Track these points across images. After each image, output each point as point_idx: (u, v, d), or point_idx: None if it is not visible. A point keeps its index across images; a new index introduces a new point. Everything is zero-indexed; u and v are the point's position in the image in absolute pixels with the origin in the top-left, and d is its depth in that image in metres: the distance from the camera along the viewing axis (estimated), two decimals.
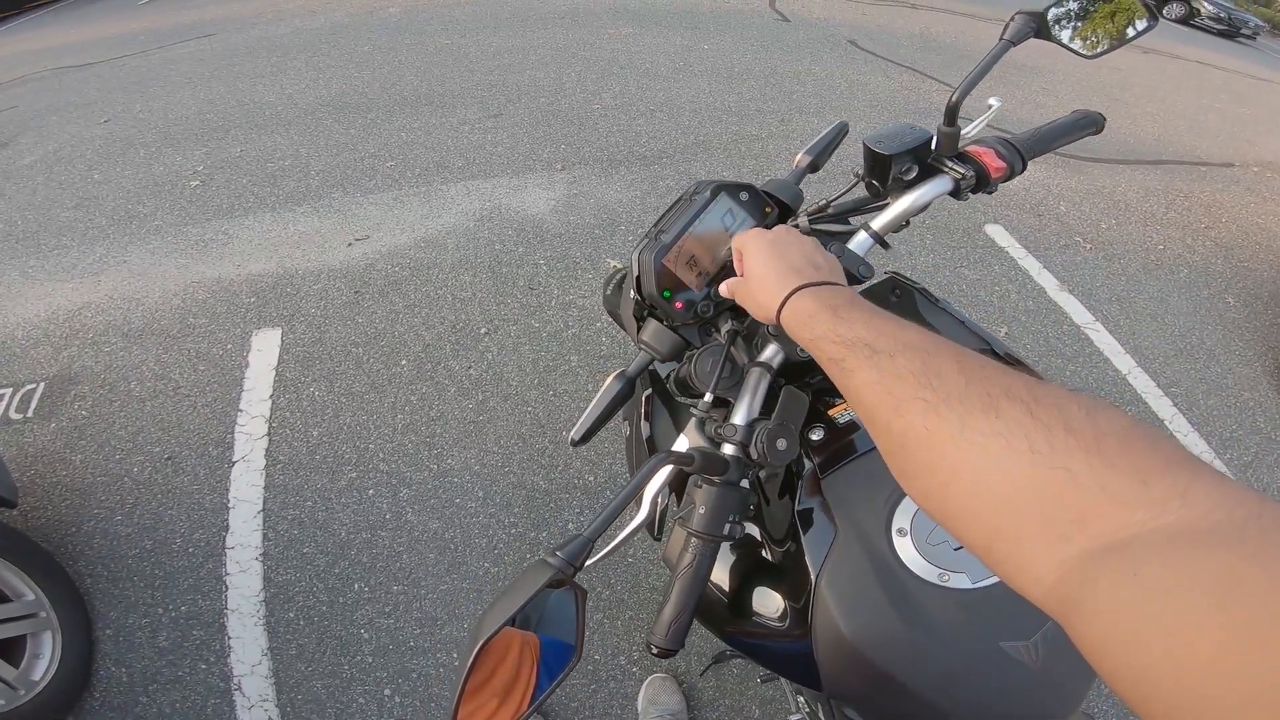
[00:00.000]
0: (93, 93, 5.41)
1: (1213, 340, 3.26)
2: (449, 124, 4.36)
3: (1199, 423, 2.81)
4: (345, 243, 3.31)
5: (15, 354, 2.72)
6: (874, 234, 0.87)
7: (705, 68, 5.53)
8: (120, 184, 3.92)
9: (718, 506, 0.70)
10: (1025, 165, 0.90)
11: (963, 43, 7.53)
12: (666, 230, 0.85)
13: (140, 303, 2.98)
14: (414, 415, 2.51)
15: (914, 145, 0.85)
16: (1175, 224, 4.18)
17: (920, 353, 0.48)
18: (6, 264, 3.26)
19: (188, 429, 2.43)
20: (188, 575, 2.01)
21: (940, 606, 0.67)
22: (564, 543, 0.61)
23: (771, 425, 0.72)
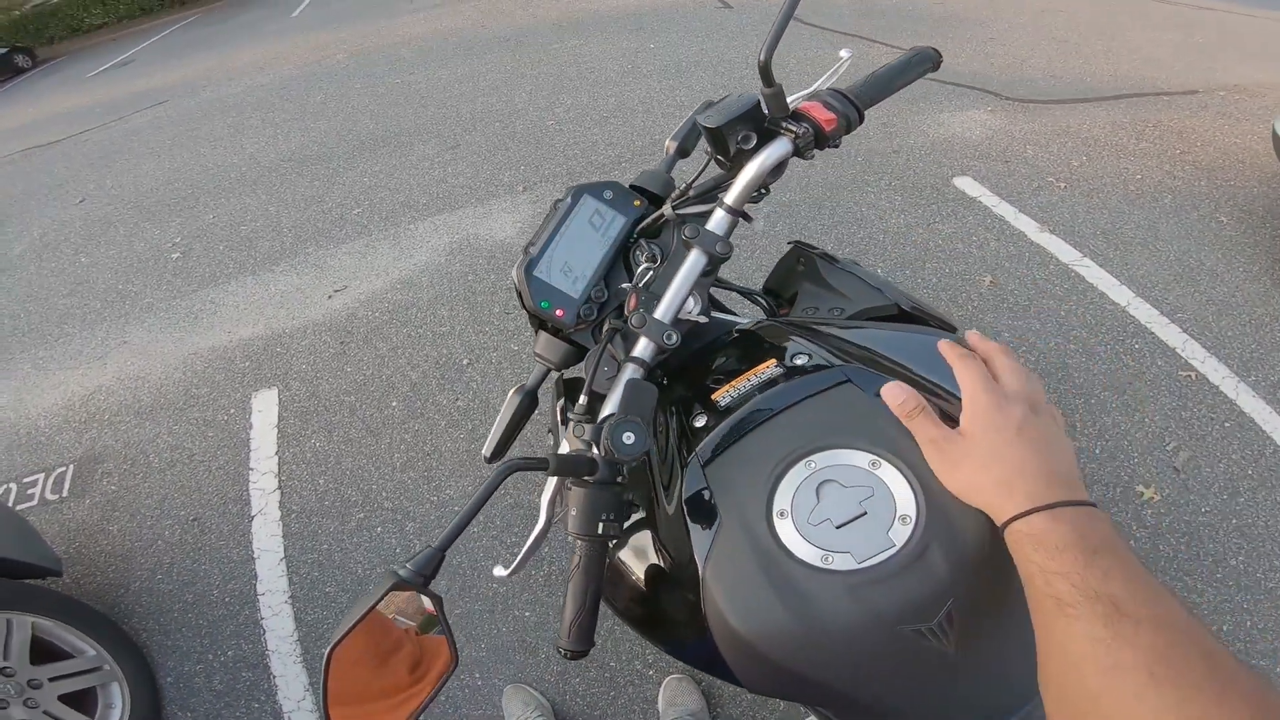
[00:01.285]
0: (62, 172, 5.67)
1: (1212, 260, 3.20)
2: (409, 162, 4.61)
3: (1214, 346, 2.74)
4: (325, 295, 3.57)
5: (41, 441, 2.99)
6: (729, 208, 0.85)
7: (654, 67, 5.76)
8: (107, 264, 4.18)
9: (588, 508, 0.70)
10: (862, 114, 0.88)
11: (903, 4, 7.69)
12: (535, 243, 0.87)
13: (146, 380, 3.25)
14: (410, 453, 2.76)
15: (742, 112, 0.82)
16: (1149, 154, 4.18)
17: (1168, 630, 0.45)
18: (19, 357, 3.53)
19: (206, 491, 2.70)
20: (229, 622, 2.27)
21: (826, 591, 0.62)
22: (415, 554, 0.63)
23: (615, 418, 0.70)
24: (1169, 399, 2.55)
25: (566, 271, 0.87)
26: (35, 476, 2.83)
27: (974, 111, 4.79)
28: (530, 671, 2.10)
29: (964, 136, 4.42)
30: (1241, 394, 2.55)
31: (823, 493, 0.66)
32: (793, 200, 3.81)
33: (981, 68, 5.61)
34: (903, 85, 0.96)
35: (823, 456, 0.68)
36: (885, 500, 0.64)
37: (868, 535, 0.63)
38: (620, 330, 0.83)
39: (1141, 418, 2.50)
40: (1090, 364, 2.72)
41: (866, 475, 0.66)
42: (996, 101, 4.97)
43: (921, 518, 0.63)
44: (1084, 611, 0.48)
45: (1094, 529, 0.52)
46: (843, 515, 0.64)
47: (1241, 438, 2.41)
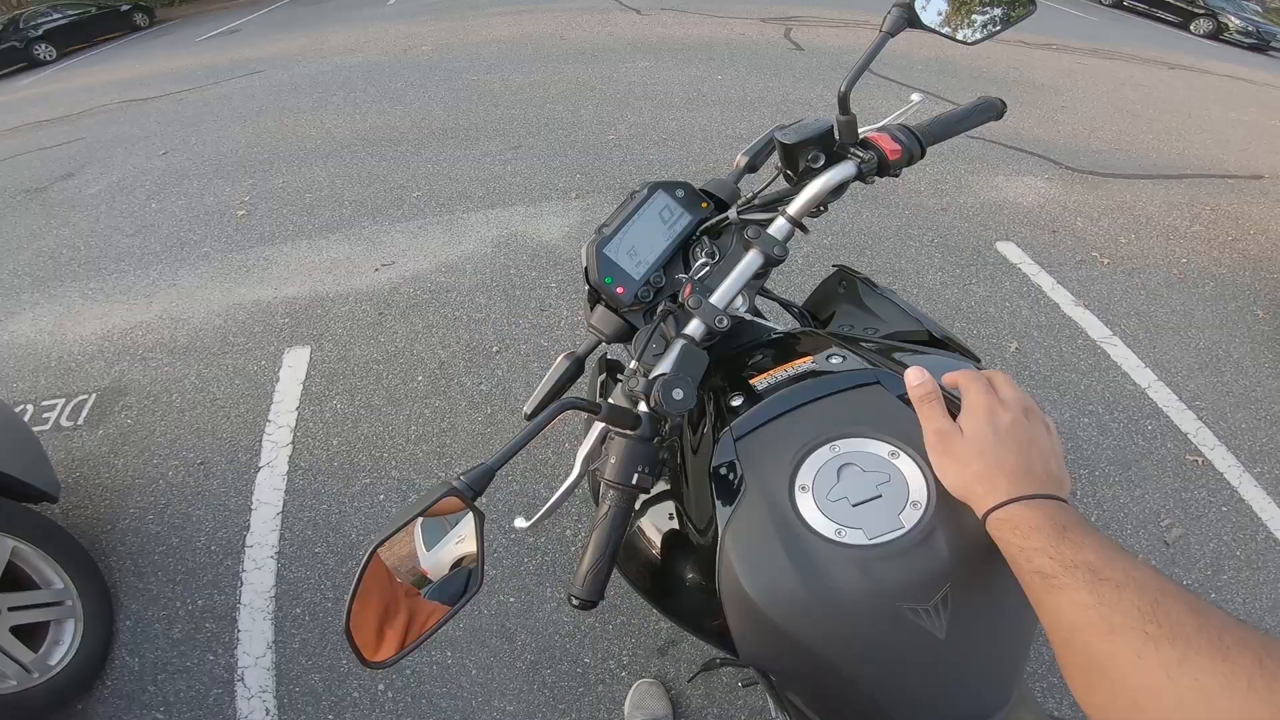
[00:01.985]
0: (153, 125, 5.71)
1: (1240, 353, 3.10)
2: (472, 156, 4.53)
3: (1226, 436, 2.67)
4: (373, 268, 3.47)
5: (71, 368, 2.91)
6: (789, 218, 0.88)
7: (718, 97, 5.65)
8: (174, 213, 4.14)
9: (627, 457, 0.73)
10: (924, 150, 0.92)
11: (978, 67, 7.51)
12: (609, 225, 0.92)
13: (186, 322, 3.16)
14: (426, 427, 2.63)
15: (816, 134, 0.88)
16: (1200, 237, 4.03)
17: (1150, 589, 0.47)
18: (69, 286, 3.48)
19: (221, 437, 2.57)
20: (208, 571, 2.13)
21: (836, 563, 0.64)
22: (470, 468, 0.65)
23: (668, 375, 0.73)
24: (1172, 480, 2.48)
25: (632, 254, 0.91)
26: (55, 401, 2.74)
27: (1031, 178, 4.60)
28: (504, 657, 1.96)
29: (1015, 201, 4.24)
30: (1244, 483, 2.49)
31: (843, 474, 0.68)
32: (835, 244, 3.66)
33: (1047, 134, 5.41)
34: (966, 129, 0.99)
35: (846, 442, 0.70)
36: (900, 486, 0.67)
37: (880, 515, 0.65)
38: (673, 312, 0.86)
39: (1141, 494, 2.42)
40: (1101, 438, 2.62)
41: (885, 463, 0.68)
42: (1056, 170, 4.76)
43: (931, 505, 0.65)
44: (1066, 581, 0.50)
45: (1063, 513, 0.55)
46: (859, 495, 0.67)
47: (1236, 522, 2.37)
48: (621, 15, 8.49)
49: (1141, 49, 10.52)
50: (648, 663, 1.96)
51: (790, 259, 3.67)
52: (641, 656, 1.97)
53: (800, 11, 9.18)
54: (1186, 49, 12.02)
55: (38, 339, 3.10)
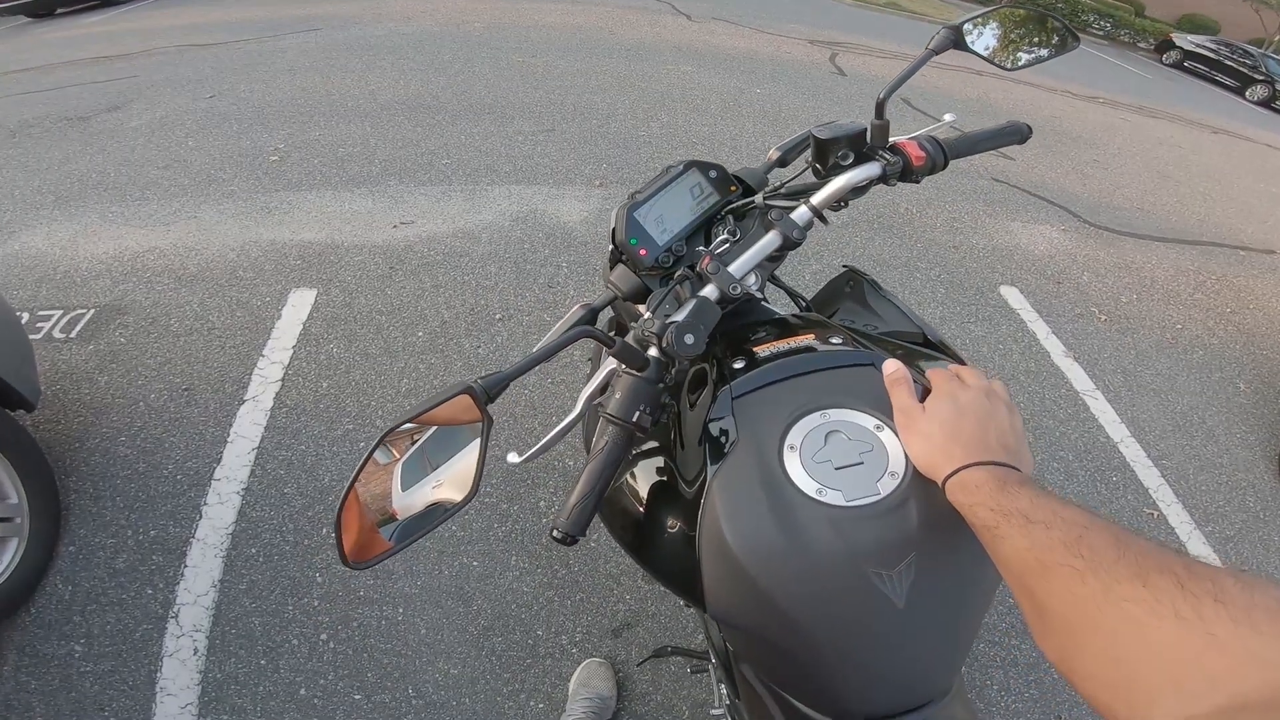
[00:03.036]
0: (207, 70, 5.58)
1: (1214, 421, 3.04)
2: (505, 133, 4.37)
3: (1185, 494, 2.62)
4: (391, 225, 3.32)
5: (76, 282, 2.77)
6: (812, 208, 0.88)
7: (754, 110, 5.46)
8: (210, 152, 4.01)
9: (632, 395, 0.72)
10: (947, 161, 0.92)
11: (1020, 110, 7.32)
12: (642, 192, 0.93)
13: (200, 253, 3.02)
14: (419, 381, 2.48)
15: (850, 134, 0.89)
16: (1200, 305, 3.91)
17: (1076, 526, 0.47)
18: (91, 207, 3.34)
19: (211, 366, 2.43)
20: (168, 501, 1.98)
21: (813, 519, 0.64)
22: (489, 374, 0.66)
23: (684, 320, 0.74)
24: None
25: (659, 221, 0.93)
26: (52, 312, 2.59)
27: (1046, 227, 4.43)
28: (456, 620, 1.82)
29: (1026, 248, 4.08)
30: (1193, 539, 2.46)
31: (830, 439, 0.69)
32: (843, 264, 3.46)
33: (1073, 186, 5.21)
34: (989, 148, 0.99)
35: (837, 412, 0.71)
36: (881, 456, 0.67)
37: (860, 480, 0.66)
38: (690, 278, 0.86)
39: None
40: (1066, 483, 2.57)
41: (870, 435, 0.69)
42: (1074, 222, 4.58)
43: (908, 477, 0.65)
44: (1005, 530, 0.51)
45: (1007, 472, 0.57)
46: (843, 460, 0.67)
47: None
48: (672, 19, 8.28)
49: (1189, 110, 10.24)
50: (600, 642, 1.83)
51: (798, 276, 3.55)
52: (595, 636, 1.84)
53: (850, 39, 8.98)
54: (1235, 114, 11.73)
55: (48, 252, 2.97)
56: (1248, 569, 2.36)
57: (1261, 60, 15.02)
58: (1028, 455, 0.63)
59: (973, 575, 0.66)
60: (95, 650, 1.69)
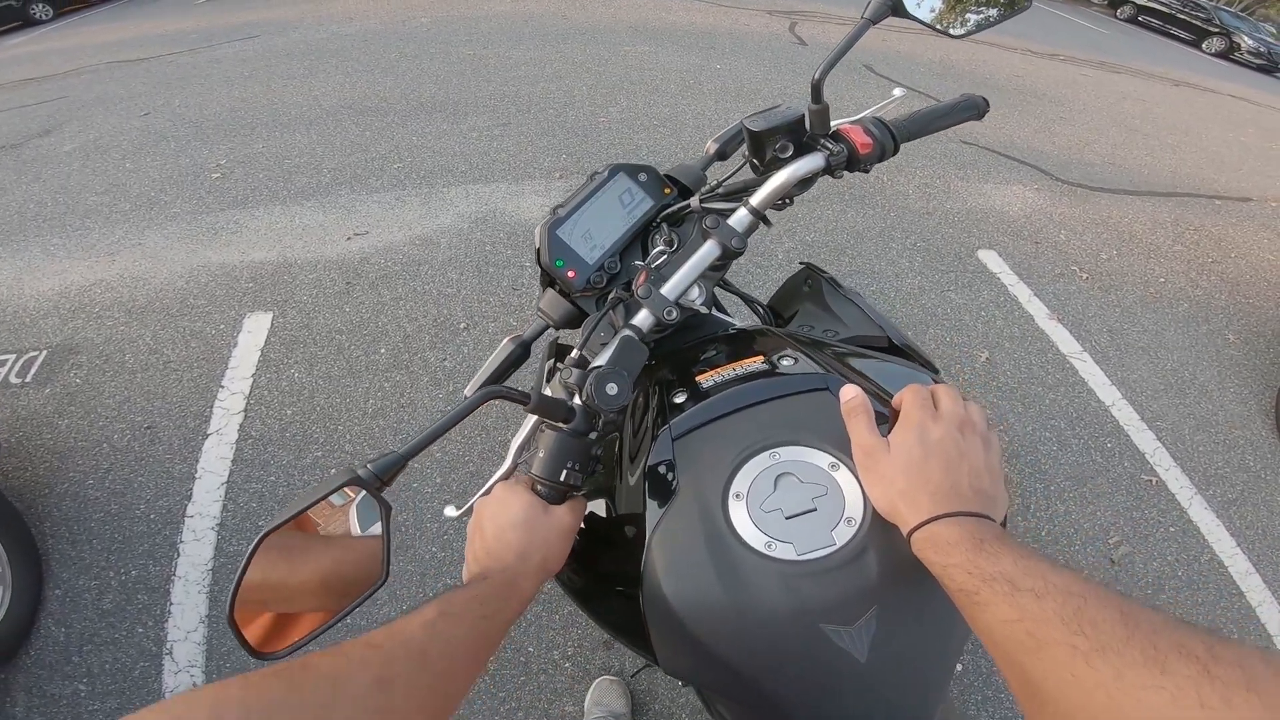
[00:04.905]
0: (139, 86, 5.54)
1: (1206, 376, 3.09)
2: (459, 130, 4.40)
3: (1182, 457, 2.67)
4: (345, 237, 3.35)
5: (25, 323, 2.79)
6: (752, 209, 0.84)
7: (714, 87, 5.53)
8: (148, 173, 4.01)
9: (557, 451, 0.70)
10: (897, 146, 0.87)
11: (982, 71, 7.42)
12: (565, 205, 0.89)
13: (147, 282, 3.04)
14: (385, 401, 2.53)
15: (786, 122, 0.82)
16: (1181, 257, 4.00)
17: (1072, 596, 0.44)
18: (31, 241, 3.35)
19: (171, 401, 2.47)
20: (145, 541, 2.03)
21: (762, 576, 0.61)
22: (378, 456, 0.61)
23: (604, 368, 0.69)
24: (1125, 499, 2.47)
25: (587, 238, 0.88)
26: (5, 357, 2.62)
27: (1019, 187, 4.53)
28: None
29: (1001, 210, 4.18)
30: (1194, 505, 2.49)
31: (780, 483, 0.65)
32: (816, 241, 3.58)
33: (1042, 145, 5.32)
34: (944, 127, 0.94)
35: (787, 450, 0.67)
36: (836, 501, 0.64)
37: (813, 530, 0.62)
38: (624, 300, 0.83)
39: (1094, 510, 2.41)
40: (1060, 454, 2.60)
41: (824, 475, 0.65)
42: (1046, 181, 4.70)
43: (865, 523, 0.62)
44: (988, 596, 0.47)
45: (981, 527, 0.53)
46: (794, 507, 0.64)
47: (1182, 542, 2.37)
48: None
49: (1149, 65, 10.44)
50: (593, 655, 1.90)
51: (771, 255, 3.63)
52: (587, 649, 1.90)
53: (808, 7, 9.05)
54: (1195, 67, 11.94)
55: None
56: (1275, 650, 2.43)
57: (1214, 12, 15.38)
58: (1003, 496, 0.60)
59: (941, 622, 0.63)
60: (99, 689, 1.75)
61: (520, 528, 0.67)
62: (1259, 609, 2.23)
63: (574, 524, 0.72)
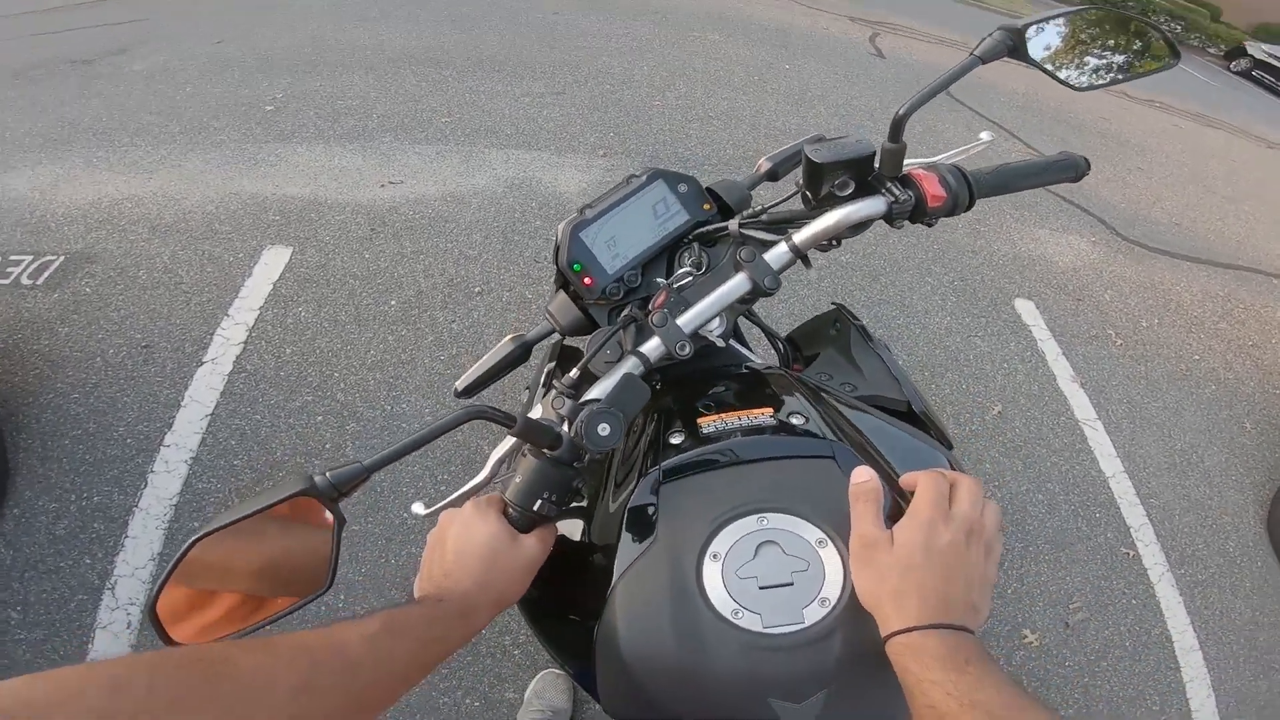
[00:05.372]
0: (221, 14, 5.48)
1: (1212, 461, 2.88)
2: (513, 93, 4.24)
3: (1165, 535, 2.51)
4: (379, 183, 3.24)
5: (50, 228, 2.73)
6: (793, 247, 0.75)
7: (779, 87, 5.26)
8: (206, 99, 3.93)
9: (535, 480, 0.63)
10: (973, 201, 0.76)
11: (1069, 109, 6.94)
12: (594, 207, 0.81)
13: (178, 203, 2.97)
14: (386, 354, 2.42)
15: (853, 158, 0.72)
16: (1222, 336, 3.69)
17: None
18: (77, 152, 3.29)
19: (174, 322, 2.39)
20: (115, 466, 1.94)
21: (722, 643, 0.57)
22: (339, 466, 0.55)
23: (599, 406, 0.62)
24: (1098, 568, 2.37)
25: (611, 244, 0.81)
26: (22, 258, 2.55)
27: (1075, 237, 4.22)
28: None
29: (1050, 259, 3.89)
30: (1163, 581, 2.38)
31: (761, 551, 0.60)
32: (851, 263, 3.35)
33: (1111, 195, 4.96)
34: (1032, 186, 0.82)
35: (776, 517, 0.62)
36: (815, 578, 0.59)
37: (785, 604, 0.58)
38: (638, 321, 0.77)
39: (1065, 575, 2.31)
40: (1047, 517, 2.47)
41: (808, 549, 0.61)
42: (1105, 234, 4.38)
43: (840, 607, 0.58)
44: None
45: (965, 645, 0.51)
46: (770, 579, 0.59)
47: (1139, 615, 2.28)
48: None
49: (1248, 123, 9.69)
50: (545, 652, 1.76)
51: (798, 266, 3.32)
52: (541, 646, 1.78)
53: (897, 19, 8.54)
54: None
55: (28, 196, 2.92)
56: None
57: None
58: (987, 606, 0.57)
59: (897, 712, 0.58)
60: (30, 618, 1.66)
61: (484, 556, 0.63)
62: (1189, 684, 2.17)
63: (540, 556, 0.67)
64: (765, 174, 0.95)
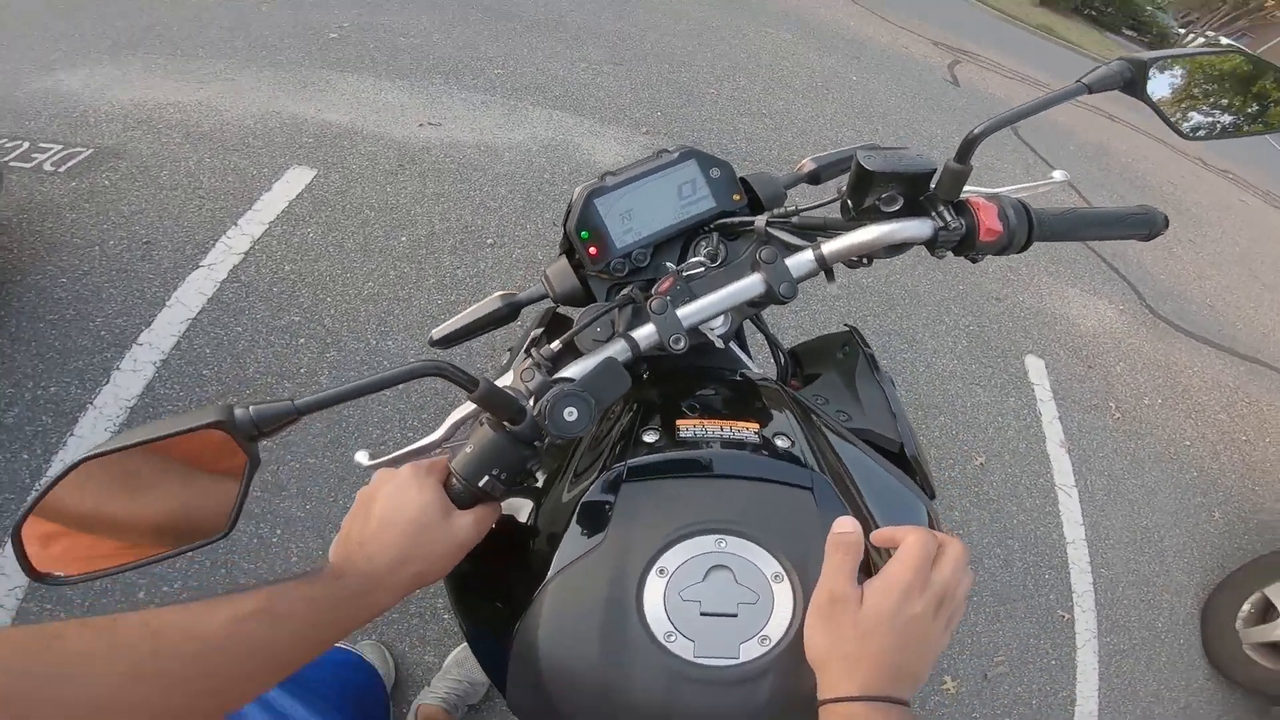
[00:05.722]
0: None
1: (1171, 542, 2.74)
2: (571, 56, 4.04)
3: (1103, 604, 2.42)
4: (418, 123, 3.09)
5: (89, 123, 2.62)
6: (819, 257, 0.67)
7: (841, 97, 4.96)
8: (276, 20, 3.81)
9: (486, 454, 0.55)
10: (1030, 242, 0.66)
11: (1140, 167, 6.49)
12: (617, 175, 0.75)
13: (220, 114, 2.86)
14: (383, 288, 2.29)
15: (910, 172, 0.62)
16: (1218, 427, 3.44)
17: None
18: (139, 55, 3.19)
19: (182, 224, 2.28)
20: (82, 357, 1.82)
21: (647, 665, 0.52)
22: (265, 401, 0.47)
23: (572, 388, 0.54)
24: (1031, 626, 2.28)
25: (626, 218, 0.74)
26: (52, 146, 2.44)
27: (1104, 302, 3.91)
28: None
29: (1073, 321, 3.62)
30: (1086, 647, 2.29)
31: (712, 575, 0.54)
32: (871, 286, 3.14)
33: (1153, 264, 4.60)
34: (1100, 238, 0.73)
35: (735, 542, 0.54)
36: (760, 614, 0.53)
37: (722, 636, 0.52)
38: (636, 303, 0.69)
39: (998, 629, 2.23)
40: (1000, 571, 2.37)
41: (762, 582, 0.54)
42: (1135, 305, 4.07)
43: (779, 649, 0.52)
44: None
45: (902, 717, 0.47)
46: (713, 605, 0.53)
47: (1054, 676, 2.20)
48: None
49: None
50: None
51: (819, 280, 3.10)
52: None
53: (980, 50, 8.07)
54: None
55: (79, 92, 2.80)
56: None
57: None
58: (928, 674, 0.51)
59: None
60: None
61: (408, 528, 0.55)
62: None
63: (472, 539, 0.58)
64: (806, 174, 0.86)
